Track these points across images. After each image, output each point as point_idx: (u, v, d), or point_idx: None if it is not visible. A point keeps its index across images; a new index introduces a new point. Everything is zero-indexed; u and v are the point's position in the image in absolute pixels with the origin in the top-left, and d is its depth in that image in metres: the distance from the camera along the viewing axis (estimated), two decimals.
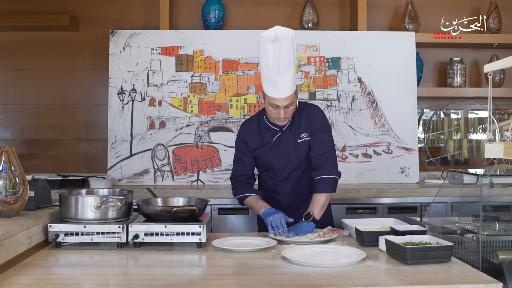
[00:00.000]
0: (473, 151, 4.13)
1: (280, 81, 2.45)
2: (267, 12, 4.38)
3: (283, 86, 2.47)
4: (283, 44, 2.41)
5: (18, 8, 4.26)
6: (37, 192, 2.38)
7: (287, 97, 2.50)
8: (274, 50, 2.40)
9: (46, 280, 1.83)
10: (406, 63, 4.13)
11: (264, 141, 2.71)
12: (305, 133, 2.67)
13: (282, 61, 2.42)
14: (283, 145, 2.68)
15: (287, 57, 2.43)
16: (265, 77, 2.53)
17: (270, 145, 2.70)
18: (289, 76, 2.46)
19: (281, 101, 2.51)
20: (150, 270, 1.95)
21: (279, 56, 2.41)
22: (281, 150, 2.69)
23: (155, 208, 2.35)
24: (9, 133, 4.36)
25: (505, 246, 2.28)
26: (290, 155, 2.69)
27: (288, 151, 2.68)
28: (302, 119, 2.68)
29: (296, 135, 2.67)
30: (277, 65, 2.42)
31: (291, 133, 2.68)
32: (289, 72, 2.46)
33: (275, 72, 2.44)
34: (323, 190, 2.59)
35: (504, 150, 1.93)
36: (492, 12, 4.31)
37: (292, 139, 2.68)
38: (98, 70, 4.26)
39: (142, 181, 4.00)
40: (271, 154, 2.70)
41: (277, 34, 2.42)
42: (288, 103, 2.52)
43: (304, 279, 1.82)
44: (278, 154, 2.69)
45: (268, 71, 2.47)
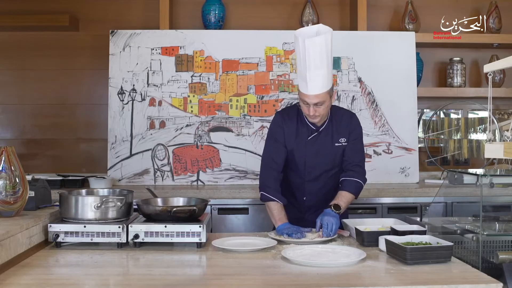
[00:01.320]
0: (473, 151, 4.13)
1: (310, 77, 2.43)
2: (267, 12, 4.38)
3: (313, 83, 2.44)
4: (316, 40, 2.39)
5: (18, 8, 4.26)
6: (37, 192, 2.38)
7: (316, 95, 2.46)
8: (305, 45, 2.39)
9: (46, 280, 1.83)
10: (406, 63, 4.13)
11: (300, 137, 2.66)
12: (343, 138, 2.66)
13: (313, 57, 2.40)
14: (318, 146, 2.65)
15: (319, 54, 2.41)
16: (299, 72, 2.51)
17: (304, 143, 2.65)
18: (320, 74, 2.43)
19: (310, 98, 2.48)
20: (150, 270, 1.95)
21: (310, 51, 2.39)
22: (316, 150, 2.65)
23: (155, 208, 2.35)
24: (9, 133, 4.36)
25: (505, 246, 2.28)
26: (325, 156, 2.66)
27: (323, 153, 2.66)
28: (341, 124, 2.67)
29: (334, 138, 2.65)
30: (307, 61, 2.41)
31: (329, 135, 2.65)
32: (321, 69, 2.43)
33: (305, 67, 2.42)
34: (352, 190, 2.60)
35: (504, 150, 1.93)
36: (492, 12, 4.31)
37: (329, 142, 2.65)
38: (98, 70, 4.26)
39: (142, 181, 4.00)
40: (305, 152, 2.65)
41: (314, 30, 2.42)
42: (318, 101, 2.48)
43: (304, 279, 1.82)
44: (313, 153, 2.65)
45: (300, 66, 2.47)
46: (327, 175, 2.70)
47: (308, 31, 2.44)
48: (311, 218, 2.57)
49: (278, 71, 4.09)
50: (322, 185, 2.71)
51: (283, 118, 2.69)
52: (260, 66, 4.10)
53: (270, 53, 4.11)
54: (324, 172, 2.69)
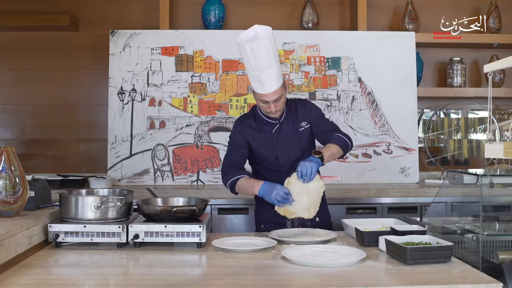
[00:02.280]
0: (473, 151, 4.13)
1: (265, 78, 2.51)
2: (267, 12, 4.38)
3: (268, 82, 2.53)
4: (261, 42, 2.46)
5: (18, 8, 4.26)
6: (37, 192, 2.38)
7: (274, 91, 2.56)
8: (252, 49, 2.46)
9: (46, 280, 1.83)
10: (406, 63, 4.13)
11: (263, 133, 2.74)
12: (304, 122, 2.75)
13: (263, 59, 2.48)
14: (284, 136, 2.73)
15: (267, 54, 2.48)
16: (250, 75, 2.60)
17: (270, 137, 2.73)
18: (272, 72, 2.52)
19: (269, 96, 2.57)
20: (150, 270, 1.95)
21: (258, 54, 2.47)
22: (282, 141, 2.73)
23: (155, 208, 2.35)
24: (9, 133, 4.36)
25: (505, 246, 2.28)
26: (293, 144, 2.73)
27: (290, 141, 2.73)
28: (298, 110, 2.77)
29: (295, 124, 2.74)
30: (258, 63, 2.48)
31: (290, 124, 2.74)
32: (272, 68, 2.51)
33: (257, 70, 2.50)
34: (336, 142, 2.61)
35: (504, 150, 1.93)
36: (492, 12, 4.31)
37: (293, 129, 2.74)
38: (98, 70, 4.26)
39: (142, 181, 4.00)
40: (273, 146, 2.73)
41: (254, 34, 2.48)
42: (276, 97, 2.59)
43: (304, 279, 1.82)
44: (280, 145, 2.72)
45: (251, 70, 2.54)
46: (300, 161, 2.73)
47: (250, 34, 2.49)
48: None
49: None
50: None
51: (241, 124, 2.79)
52: None
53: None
54: (296, 159, 2.70)
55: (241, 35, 2.50)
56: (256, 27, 2.50)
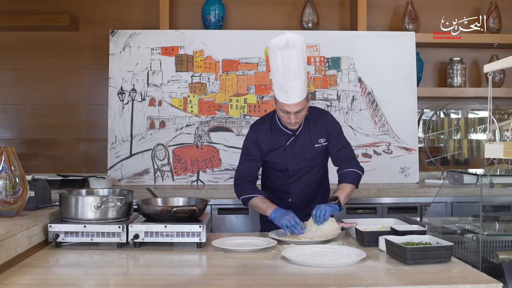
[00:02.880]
0: (473, 151, 4.13)
1: (290, 88, 2.46)
2: (267, 12, 4.38)
3: (293, 92, 2.47)
4: (293, 51, 2.41)
5: (18, 8, 4.26)
6: (37, 192, 2.38)
7: (297, 103, 2.50)
8: (283, 57, 2.41)
9: (46, 280, 1.83)
10: (406, 63, 4.13)
11: (278, 144, 2.70)
12: (322, 138, 2.70)
13: (292, 68, 2.42)
14: (298, 149, 2.69)
15: (297, 64, 2.43)
16: (276, 82, 2.53)
17: (284, 148, 2.69)
18: (299, 83, 2.47)
19: (292, 107, 2.51)
20: (150, 270, 1.95)
21: (288, 62, 2.41)
22: (296, 154, 2.69)
23: (155, 208, 2.35)
24: (9, 133, 4.36)
25: (505, 246, 2.28)
26: (305, 158, 2.70)
27: (304, 155, 2.69)
28: (317, 124, 2.70)
29: (313, 139, 2.69)
30: (286, 72, 2.43)
31: (307, 137, 2.69)
32: (299, 78, 2.46)
33: (284, 78, 2.44)
34: (350, 181, 2.63)
35: (504, 150, 1.93)
36: (492, 12, 4.31)
37: (309, 143, 2.69)
38: (98, 70, 4.26)
39: (142, 181, 4.00)
40: (285, 157, 2.70)
41: (287, 41, 2.43)
42: (298, 109, 2.52)
43: (304, 279, 1.82)
44: (293, 157, 2.69)
45: (278, 77, 2.48)
46: (310, 174, 2.75)
47: (283, 42, 2.44)
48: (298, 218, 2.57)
49: None
50: (306, 184, 2.75)
51: (256, 132, 2.74)
52: (260, 66, 4.10)
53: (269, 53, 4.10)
54: (307, 172, 2.73)
55: (273, 40, 2.45)
56: (289, 34, 2.45)
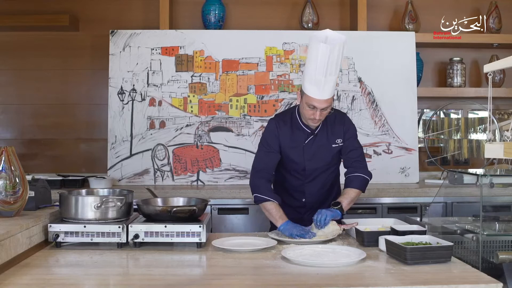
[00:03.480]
0: (473, 151, 4.13)
1: (326, 83, 2.46)
2: (267, 12, 4.38)
3: (326, 88, 2.48)
4: (335, 47, 2.42)
5: (18, 8, 4.26)
6: (37, 192, 2.38)
7: (327, 99, 2.51)
8: (325, 51, 2.42)
9: (46, 280, 1.83)
10: (406, 63, 4.13)
11: (296, 142, 2.69)
12: (339, 139, 2.70)
13: (331, 63, 2.43)
14: (315, 148, 2.69)
15: (335, 61, 2.45)
16: (310, 76, 2.51)
17: (302, 147, 2.69)
18: (333, 80, 2.48)
19: (321, 103, 2.51)
20: (150, 270, 1.95)
21: (329, 57, 2.42)
22: (313, 153, 2.69)
23: (155, 208, 2.35)
24: (9, 133, 4.36)
25: (505, 246, 2.28)
26: (323, 158, 2.70)
27: (321, 154, 2.70)
28: (335, 125, 2.71)
29: (330, 139, 2.69)
30: (325, 66, 2.44)
31: (324, 137, 2.69)
32: (334, 75, 2.48)
33: (321, 73, 2.45)
34: (356, 186, 2.63)
35: (504, 150, 1.93)
36: (492, 12, 4.31)
37: (326, 143, 2.69)
38: (98, 70, 4.26)
39: (142, 181, 4.00)
40: (303, 156, 2.69)
41: (330, 36, 2.45)
42: (326, 106, 2.53)
43: (304, 279, 1.82)
44: (311, 156, 2.69)
45: (314, 71, 2.47)
46: (325, 175, 2.75)
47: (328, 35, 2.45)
48: (310, 218, 2.58)
49: (278, 71, 4.09)
50: (321, 185, 2.75)
51: (278, 124, 2.72)
52: (260, 66, 4.10)
53: (270, 53, 4.11)
54: (323, 172, 2.74)
55: (316, 33, 2.47)
56: (328, 31, 2.46)
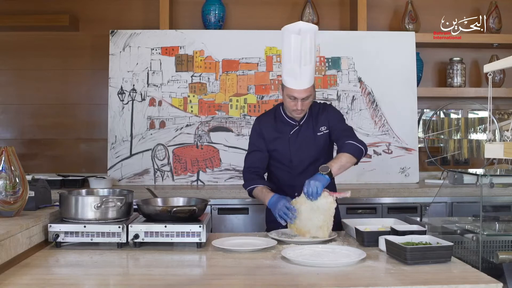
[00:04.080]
0: (473, 151, 4.13)
1: (300, 73, 2.53)
2: (267, 12, 4.38)
3: (303, 78, 2.54)
4: (306, 37, 2.49)
5: (18, 8, 4.27)
6: (37, 192, 2.38)
7: (305, 89, 2.56)
8: (297, 42, 2.49)
9: (46, 280, 1.82)
10: (406, 63, 4.13)
11: (281, 134, 2.74)
12: (323, 126, 2.73)
13: (304, 53, 2.50)
14: (301, 139, 2.72)
15: (309, 50, 2.51)
16: (286, 68, 2.59)
17: (288, 139, 2.73)
18: (309, 69, 2.54)
19: (300, 93, 2.57)
20: (150, 270, 1.95)
21: (301, 47, 2.49)
22: (299, 144, 2.72)
23: (155, 208, 2.35)
24: (9, 133, 4.36)
25: (505, 246, 2.28)
26: (309, 148, 2.72)
27: (307, 145, 2.72)
28: (319, 114, 2.75)
29: (315, 128, 2.73)
30: (298, 56, 2.50)
31: (310, 127, 2.73)
32: (310, 64, 2.53)
33: (296, 63, 2.51)
34: (347, 150, 2.59)
35: (504, 150, 1.93)
36: (492, 12, 4.31)
37: (311, 133, 2.73)
38: (98, 70, 4.26)
39: (142, 181, 4.00)
40: (289, 147, 2.73)
41: (301, 27, 2.52)
42: (306, 96, 2.58)
43: (304, 279, 1.81)
44: (297, 147, 2.72)
45: (289, 62, 2.54)
46: (314, 167, 2.71)
47: (296, 27, 2.53)
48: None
49: (278, 71, 4.09)
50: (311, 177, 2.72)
51: (261, 122, 2.80)
52: (260, 66, 4.10)
53: (270, 53, 4.11)
54: (311, 163, 2.73)
55: (287, 26, 2.54)
56: (301, 23, 2.55)
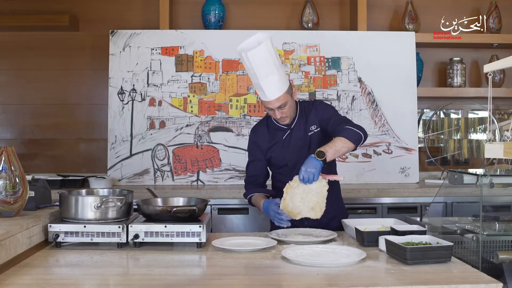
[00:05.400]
0: (473, 151, 4.13)
1: (264, 85, 2.51)
2: (267, 12, 4.38)
3: (269, 90, 2.52)
4: (257, 50, 2.46)
5: (18, 8, 4.27)
6: (37, 192, 2.38)
7: (276, 98, 2.54)
8: (248, 58, 2.47)
9: (46, 280, 1.83)
10: (406, 63, 4.13)
11: (275, 140, 2.75)
12: (313, 125, 2.71)
13: (260, 66, 2.48)
14: (293, 142, 2.72)
15: (265, 62, 2.48)
16: (253, 83, 2.61)
17: (281, 143, 2.74)
18: (272, 80, 2.51)
19: (272, 103, 2.56)
20: (150, 270, 1.95)
21: (255, 62, 2.47)
22: (292, 147, 2.72)
23: (155, 208, 2.35)
24: (9, 133, 4.36)
25: (505, 246, 2.28)
26: (301, 149, 2.71)
27: (299, 146, 2.72)
28: (310, 114, 2.73)
29: (306, 128, 2.72)
30: (256, 71, 2.49)
31: (301, 128, 2.73)
32: (271, 75, 2.50)
33: (257, 77, 2.51)
34: (343, 135, 2.50)
35: (504, 150, 1.93)
36: (492, 12, 4.31)
37: (302, 134, 2.72)
38: (98, 70, 4.26)
39: (142, 181, 4.00)
40: (283, 151, 2.74)
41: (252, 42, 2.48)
42: (280, 104, 2.57)
43: (304, 279, 1.81)
44: (290, 150, 2.72)
45: (252, 78, 2.57)
46: None
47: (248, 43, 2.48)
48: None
49: None
50: None
51: (255, 132, 2.84)
52: None
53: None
54: None
55: (240, 45, 2.49)
56: (258, 34, 2.49)
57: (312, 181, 2.41)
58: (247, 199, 2.84)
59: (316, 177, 2.41)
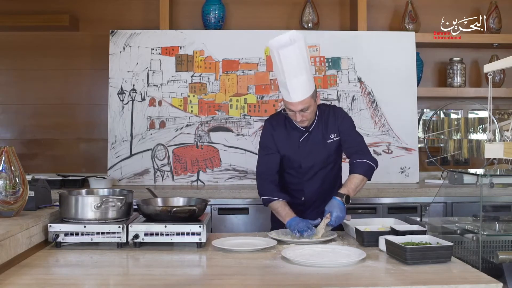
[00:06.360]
0: (473, 151, 4.13)
1: (291, 86, 2.45)
2: (267, 12, 4.38)
3: (295, 91, 2.46)
4: (290, 49, 2.40)
5: (18, 8, 4.26)
6: (37, 192, 2.38)
7: (300, 101, 2.48)
8: (281, 55, 2.41)
9: (46, 280, 1.83)
10: (406, 63, 4.13)
11: (291, 140, 2.69)
12: (333, 133, 2.68)
13: (291, 65, 2.42)
14: (311, 146, 2.68)
15: (296, 62, 2.43)
16: (279, 81, 2.54)
17: (297, 145, 2.69)
18: (300, 81, 2.45)
19: (295, 106, 2.50)
20: (150, 270, 1.95)
21: (287, 60, 2.41)
22: (309, 151, 2.68)
23: (155, 208, 2.35)
24: (9, 133, 4.36)
25: (505, 246, 2.28)
26: (319, 155, 2.68)
27: (317, 152, 2.68)
28: (329, 120, 2.69)
29: (325, 135, 2.67)
30: (286, 70, 2.42)
31: (319, 134, 2.68)
32: (301, 76, 2.45)
33: (284, 77, 2.44)
34: (360, 172, 2.56)
35: (504, 150, 1.93)
36: (492, 12, 4.31)
37: (321, 140, 2.67)
38: (98, 70, 4.26)
39: (142, 181, 4.00)
40: (299, 154, 2.68)
41: (285, 39, 2.42)
42: (302, 107, 2.51)
43: (304, 279, 1.81)
44: (306, 154, 2.68)
45: (279, 76, 2.49)
46: (324, 172, 2.73)
47: (282, 40, 2.43)
48: (310, 216, 2.58)
49: None
50: (320, 183, 2.73)
51: (271, 125, 2.74)
52: (260, 66, 4.10)
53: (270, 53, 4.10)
54: (320, 169, 2.72)
55: (272, 40, 2.44)
56: (288, 32, 2.43)
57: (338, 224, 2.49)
58: (262, 198, 2.69)
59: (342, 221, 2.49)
